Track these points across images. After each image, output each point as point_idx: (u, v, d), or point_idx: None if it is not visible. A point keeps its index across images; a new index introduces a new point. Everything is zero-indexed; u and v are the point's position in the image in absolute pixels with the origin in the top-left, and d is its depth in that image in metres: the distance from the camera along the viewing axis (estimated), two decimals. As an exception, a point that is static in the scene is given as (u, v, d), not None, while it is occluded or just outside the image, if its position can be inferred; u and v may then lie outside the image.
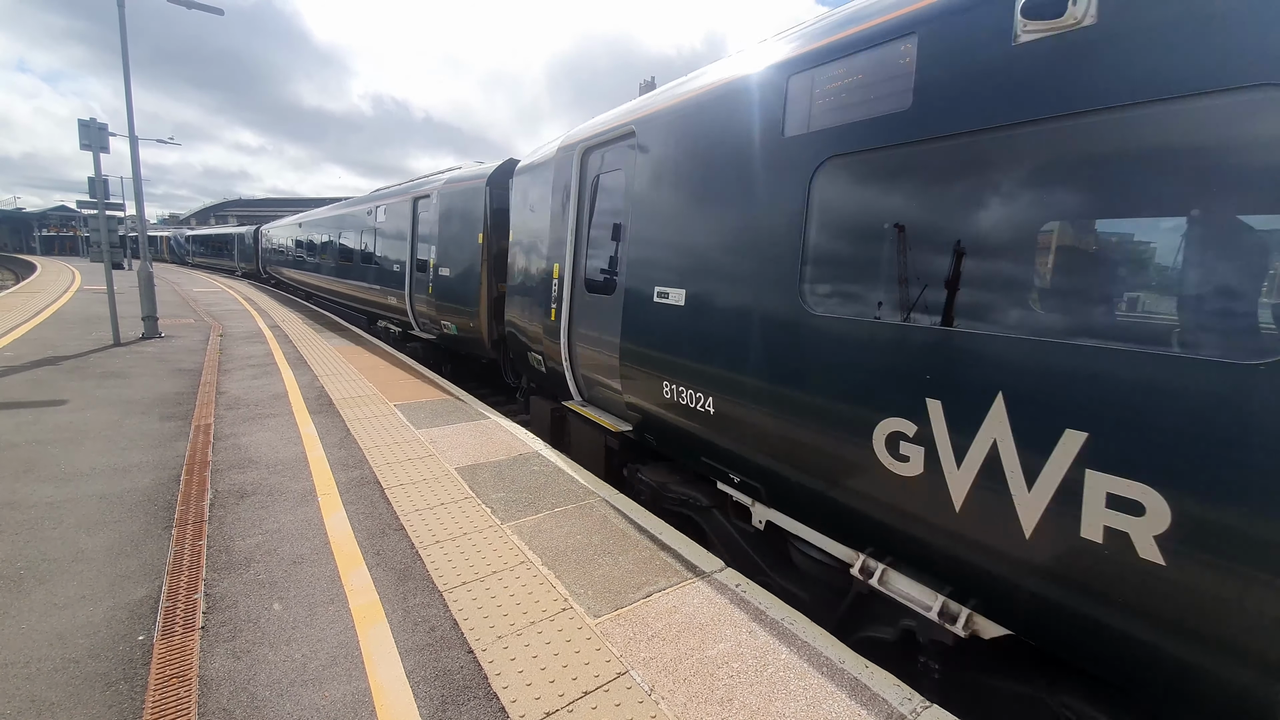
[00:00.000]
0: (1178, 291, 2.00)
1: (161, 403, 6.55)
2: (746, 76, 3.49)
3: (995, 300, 2.34)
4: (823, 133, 2.97)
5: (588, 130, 5.37)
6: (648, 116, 4.43)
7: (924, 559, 2.63)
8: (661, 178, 4.19)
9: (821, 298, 2.99)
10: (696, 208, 3.83)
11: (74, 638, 2.63)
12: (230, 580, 3.09)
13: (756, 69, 3.43)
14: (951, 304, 2.43)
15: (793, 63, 3.18)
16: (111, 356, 9.12)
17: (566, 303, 5.44)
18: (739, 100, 3.52)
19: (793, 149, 3.11)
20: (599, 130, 5.16)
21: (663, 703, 2.32)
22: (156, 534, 3.58)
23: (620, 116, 4.89)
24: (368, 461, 4.86)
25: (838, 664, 2.55)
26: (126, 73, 11.17)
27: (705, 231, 3.73)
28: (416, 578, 3.17)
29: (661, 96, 4.42)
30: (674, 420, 4.09)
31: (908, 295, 2.59)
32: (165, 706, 2.25)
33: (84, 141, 10.31)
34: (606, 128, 5.02)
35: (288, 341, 11.18)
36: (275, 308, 17.42)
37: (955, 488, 2.33)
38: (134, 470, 4.56)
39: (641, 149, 4.44)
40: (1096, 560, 1.98)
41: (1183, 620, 1.85)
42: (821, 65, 2.99)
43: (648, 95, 4.68)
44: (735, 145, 3.51)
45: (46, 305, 15.04)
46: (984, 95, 2.29)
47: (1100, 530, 1.95)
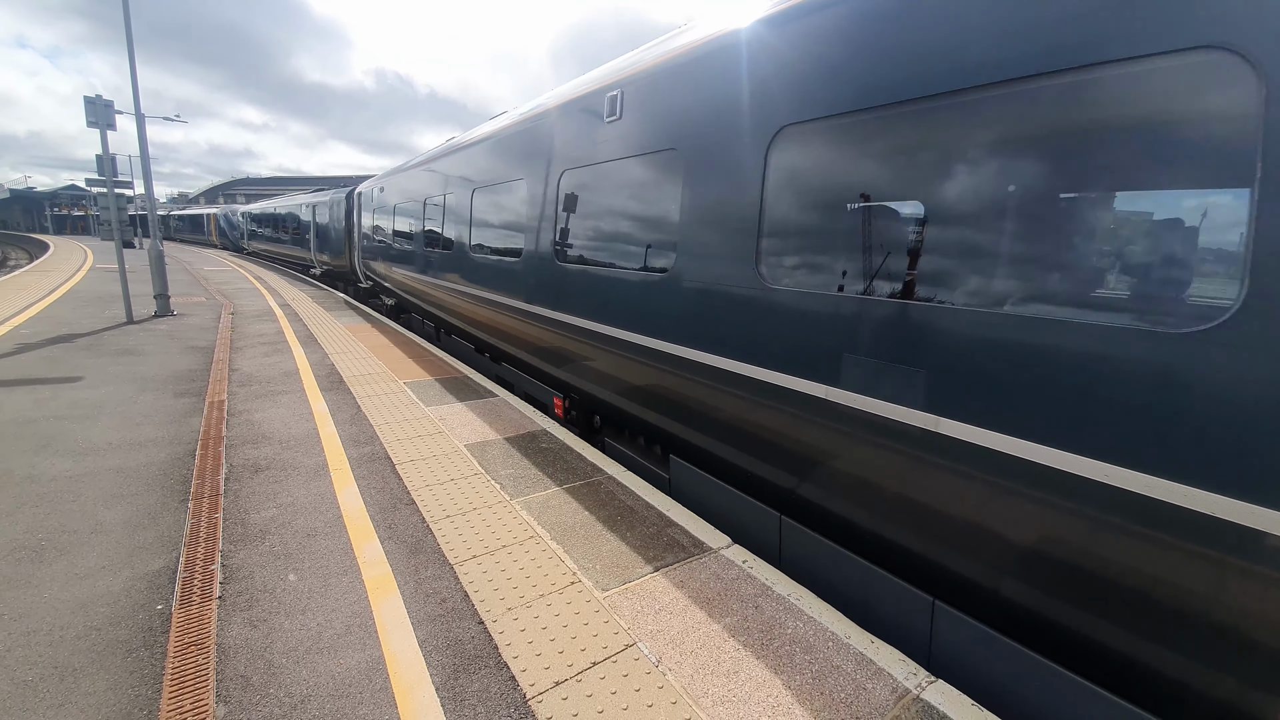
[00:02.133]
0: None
1: (175, 379, 6.63)
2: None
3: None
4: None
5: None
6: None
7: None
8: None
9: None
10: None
11: (95, 606, 2.70)
12: (246, 552, 3.16)
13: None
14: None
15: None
16: (125, 334, 9.22)
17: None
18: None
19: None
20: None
21: (670, 674, 2.36)
22: (173, 507, 3.65)
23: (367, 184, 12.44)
24: (378, 438, 4.91)
25: (843, 639, 2.57)
26: (131, 50, 11.09)
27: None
28: (428, 551, 3.22)
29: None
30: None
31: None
32: (185, 672, 2.31)
33: (90, 119, 10.30)
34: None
35: (298, 320, 11.25)
36: (285, 287, 17.50)
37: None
38: (150, 445, 4.63)
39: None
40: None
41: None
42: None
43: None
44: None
45: (60, 284, 15.19)
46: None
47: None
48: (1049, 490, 2.10)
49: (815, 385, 2.92)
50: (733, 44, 3.45)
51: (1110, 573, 2.02)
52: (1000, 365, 2.22)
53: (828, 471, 3.05)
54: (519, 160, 6.04)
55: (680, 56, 3.87)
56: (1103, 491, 1.96)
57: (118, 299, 10.96)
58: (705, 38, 3.72)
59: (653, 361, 4.03)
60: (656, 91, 4.03)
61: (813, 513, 3.21)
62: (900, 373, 2.56)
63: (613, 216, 4.61)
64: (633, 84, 4.26)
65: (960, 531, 2.45)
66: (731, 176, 3.38)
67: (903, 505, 2.69)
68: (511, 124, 6.42)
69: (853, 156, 2.86)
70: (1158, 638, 1.97)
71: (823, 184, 3.00)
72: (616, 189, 4.53)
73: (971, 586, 2.48)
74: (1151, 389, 1.86)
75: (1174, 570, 1.89)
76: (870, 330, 2.69)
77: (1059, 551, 2.14)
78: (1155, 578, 1.93)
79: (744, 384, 3.34)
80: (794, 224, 3.12)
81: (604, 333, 4.54)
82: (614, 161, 4.45)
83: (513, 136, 6.30)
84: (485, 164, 6.98)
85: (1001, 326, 2.24)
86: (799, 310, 3.02)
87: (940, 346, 2.43)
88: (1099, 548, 2.03)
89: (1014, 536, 2.26)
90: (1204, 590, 1.83)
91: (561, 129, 5.28)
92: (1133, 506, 1.90)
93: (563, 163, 5.16)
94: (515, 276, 6.03)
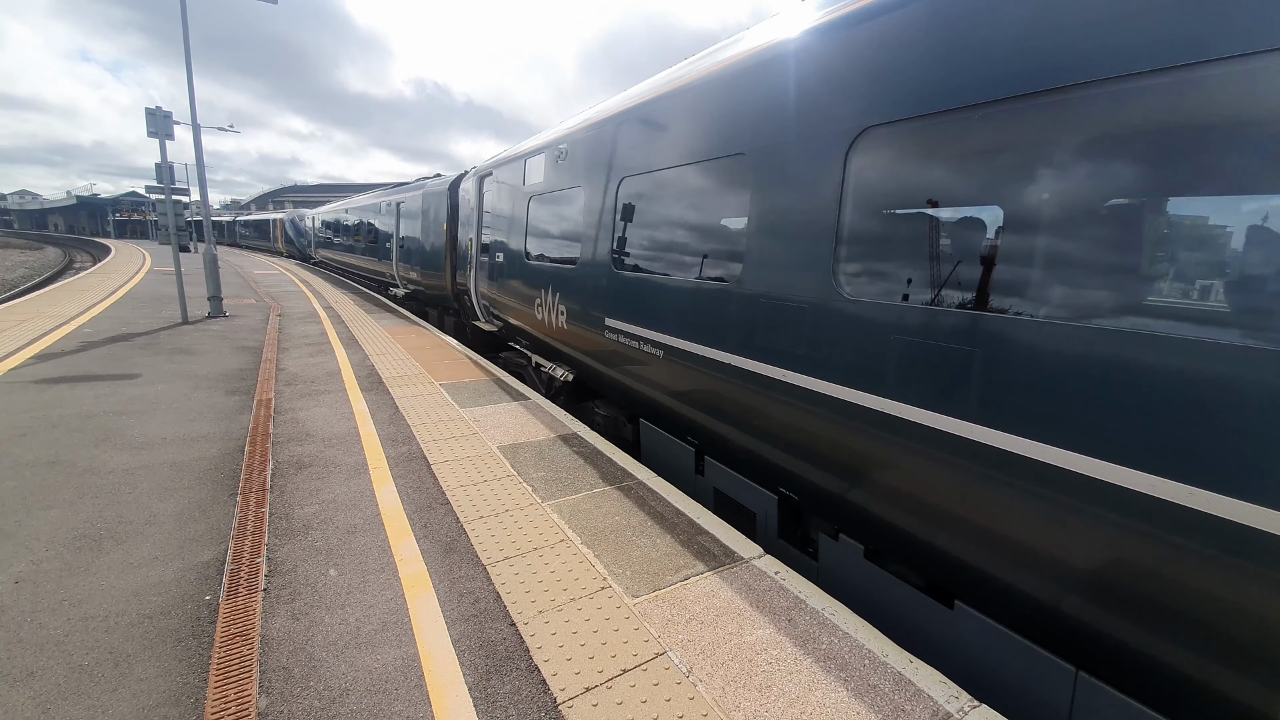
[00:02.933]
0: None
1: (226, 378, 6.91)
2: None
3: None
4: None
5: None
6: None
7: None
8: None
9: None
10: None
11: (148, 595, 2.82)
12: (290, 546, 3.26)
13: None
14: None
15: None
16: (180, 334, 9.66)
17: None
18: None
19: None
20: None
21: (700, 685, 2.33)
22: (222, 501, 3.79)
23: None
24: (415, 438, 5.01)
25: (880, 657, 2.50)
26: (189, 65, 11.67)
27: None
28: (461, 551, 3.26)
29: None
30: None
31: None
32: (230, 663, 2.39)
33: (151, 130, 10.85)
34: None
35: (340, 322, 11.61)
36: (328, 290, 18.09)
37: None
38: (202, 440, 4.84)
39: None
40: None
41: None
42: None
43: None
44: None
45: (120, 285, 16.03)
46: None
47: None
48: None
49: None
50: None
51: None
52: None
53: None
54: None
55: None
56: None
57: (173, 300, 11.50)
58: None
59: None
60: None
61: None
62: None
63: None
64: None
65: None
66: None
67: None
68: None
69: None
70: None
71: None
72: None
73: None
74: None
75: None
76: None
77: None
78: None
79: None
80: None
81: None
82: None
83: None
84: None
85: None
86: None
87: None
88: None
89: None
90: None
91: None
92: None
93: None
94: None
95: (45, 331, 9.03)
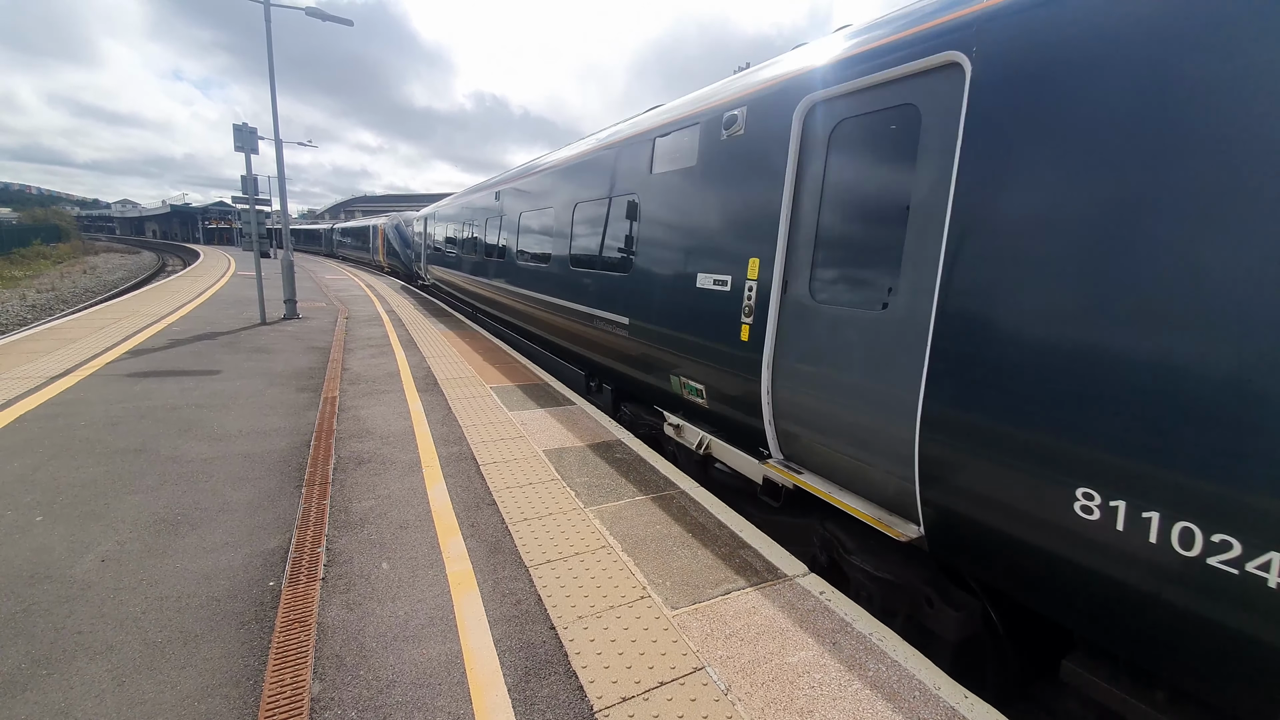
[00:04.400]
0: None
1: (297, 376, 7.34)
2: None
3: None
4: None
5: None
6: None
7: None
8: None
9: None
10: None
11: (217, 579, 3.01)
12: (347, 538, 3.41)
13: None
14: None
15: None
16: (258, 334, 10.33)
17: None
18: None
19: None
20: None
21: (739, 704, 2.28)
22: (289, 492, 4.01)
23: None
24: (465, 439, 5.16)
25: (932, 689, 2.38)
26: (273, 85, 12.52)
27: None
28: (506, 552, 3.33)
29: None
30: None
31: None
32: (288, 647, 2.52)
33: (238, 144, 11.69)
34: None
35: (401, 325, 12.12)
36: (391, 295, 18.94)
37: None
38: (273, 434, 5.14)
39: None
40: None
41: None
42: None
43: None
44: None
45: (207, 288, 17.31)
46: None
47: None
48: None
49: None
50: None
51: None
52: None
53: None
54: None
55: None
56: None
57: (254, 303, 12.31)
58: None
59: None
60: None
61: None
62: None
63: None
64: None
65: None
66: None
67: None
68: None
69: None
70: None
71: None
72: None
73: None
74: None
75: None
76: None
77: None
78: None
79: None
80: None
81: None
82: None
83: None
84: None
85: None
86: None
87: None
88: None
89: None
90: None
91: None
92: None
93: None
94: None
95: (139, 329, 9.85)
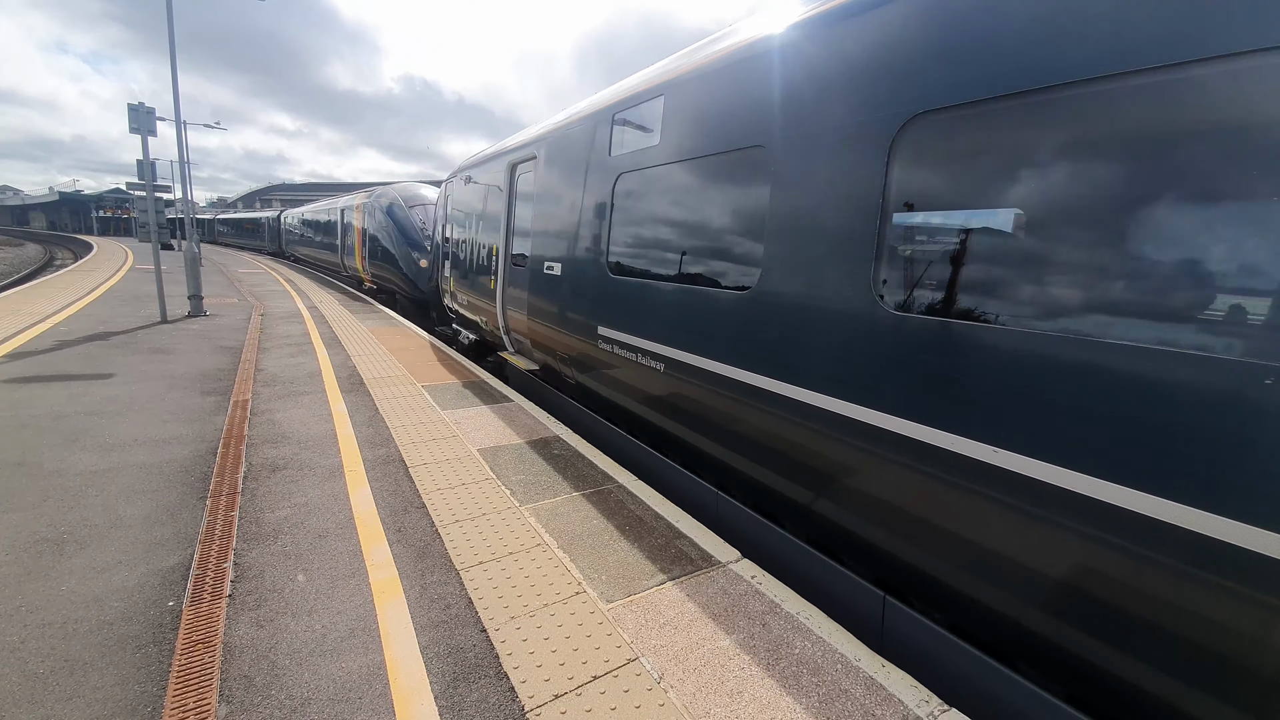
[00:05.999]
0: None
1: (203, 378, 6.80)
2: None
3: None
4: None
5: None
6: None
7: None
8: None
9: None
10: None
11: (109, 601, 2.75)
12: (259, 551, 3.19)
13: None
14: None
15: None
16: (159, 333, 9.50)
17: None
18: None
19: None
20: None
21: (671, 691, 2.30)
22: (192, 504, 3.72)
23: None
24: (394, 440, 4.95)
25: (853, 661, 2.49)
26: (173, 60, 11.50)
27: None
28: (435, 556, 3.21)
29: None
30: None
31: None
32: (190, 670, 2.33)
33: (133, 125, 10.68)
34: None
35: (324, 322, 11.48)
36: (314, 289, 17.90)
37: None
38: (174, 442, 4.74)
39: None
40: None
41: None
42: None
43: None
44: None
45: (100, 283, 15.77)
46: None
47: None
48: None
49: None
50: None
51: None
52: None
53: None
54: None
55: None
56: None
57: (153, 299, 11.32)
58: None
59: None
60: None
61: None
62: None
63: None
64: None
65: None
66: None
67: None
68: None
69: None
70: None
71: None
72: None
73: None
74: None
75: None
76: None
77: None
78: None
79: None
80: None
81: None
82: None
83: None
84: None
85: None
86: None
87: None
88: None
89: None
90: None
91: None
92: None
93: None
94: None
95: (20, 329, 8.84)
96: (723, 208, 3.79)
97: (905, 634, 2.76)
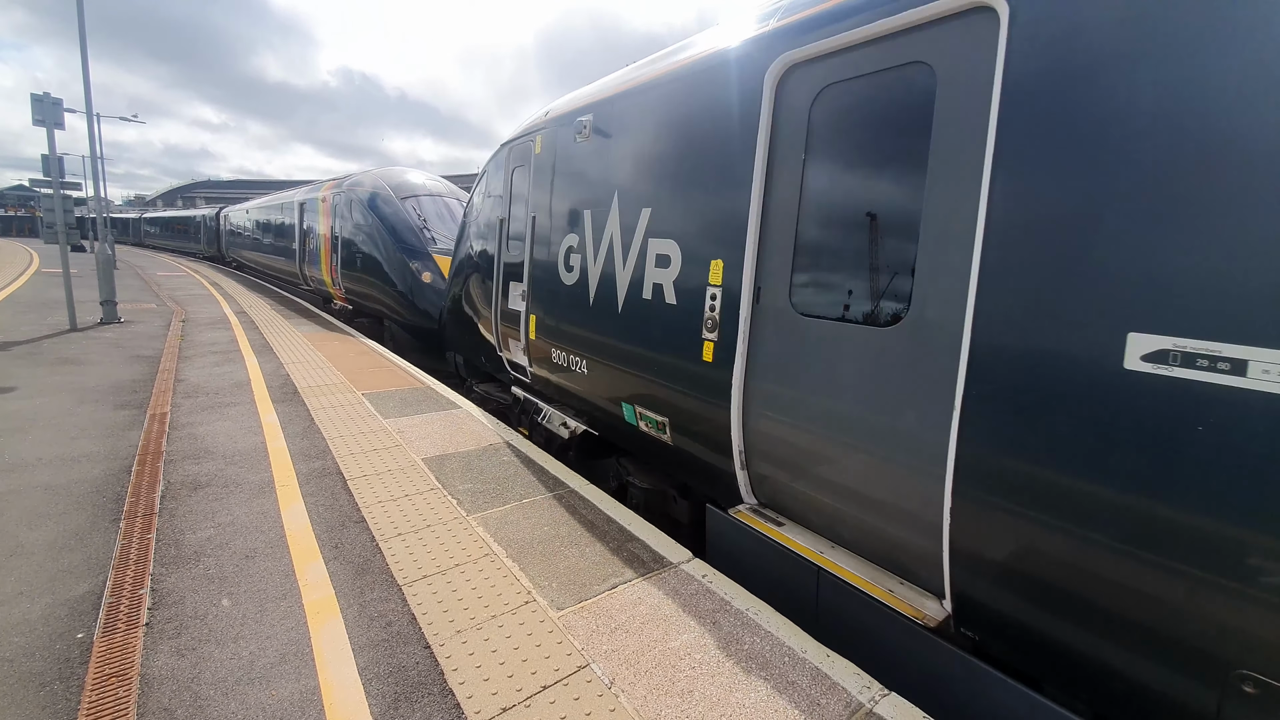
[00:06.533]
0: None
1: (117, 390, 6.31)
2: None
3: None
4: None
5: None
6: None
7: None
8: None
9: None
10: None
11: (8, 636, 2.50)
12: (178, 575, 2.98)
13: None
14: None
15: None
16: (67, 342, 8.76)
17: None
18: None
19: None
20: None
21: (622, 695, 2.29)
22: (104, 527, 3.43)
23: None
24: (331, 452, 4.73)
25: (799, 653, 2.54)
26: (84, 47, 10.64)
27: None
28: (375, 571, 3.09)
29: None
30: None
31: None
32: (102, 707, 2.15)
33: (37, 118, 9.84)
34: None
35: (254, 328, 10.87)
36: (242, 293, 16.92)
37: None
38: (83, 461, 4.38)
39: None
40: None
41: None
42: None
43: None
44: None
45: (0, 288, 14.41)
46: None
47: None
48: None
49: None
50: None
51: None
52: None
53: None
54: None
55: None
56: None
57: (61, 305, 10.43)
58: None
59: None
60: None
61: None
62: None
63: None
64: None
65: None
66: None
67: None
68: None
69: None
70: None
71: None
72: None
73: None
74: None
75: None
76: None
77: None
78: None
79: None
80: None
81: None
82: None
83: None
84: None
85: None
86: None
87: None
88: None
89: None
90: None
91: None
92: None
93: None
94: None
95: (-101, 341, 7.97)
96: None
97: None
